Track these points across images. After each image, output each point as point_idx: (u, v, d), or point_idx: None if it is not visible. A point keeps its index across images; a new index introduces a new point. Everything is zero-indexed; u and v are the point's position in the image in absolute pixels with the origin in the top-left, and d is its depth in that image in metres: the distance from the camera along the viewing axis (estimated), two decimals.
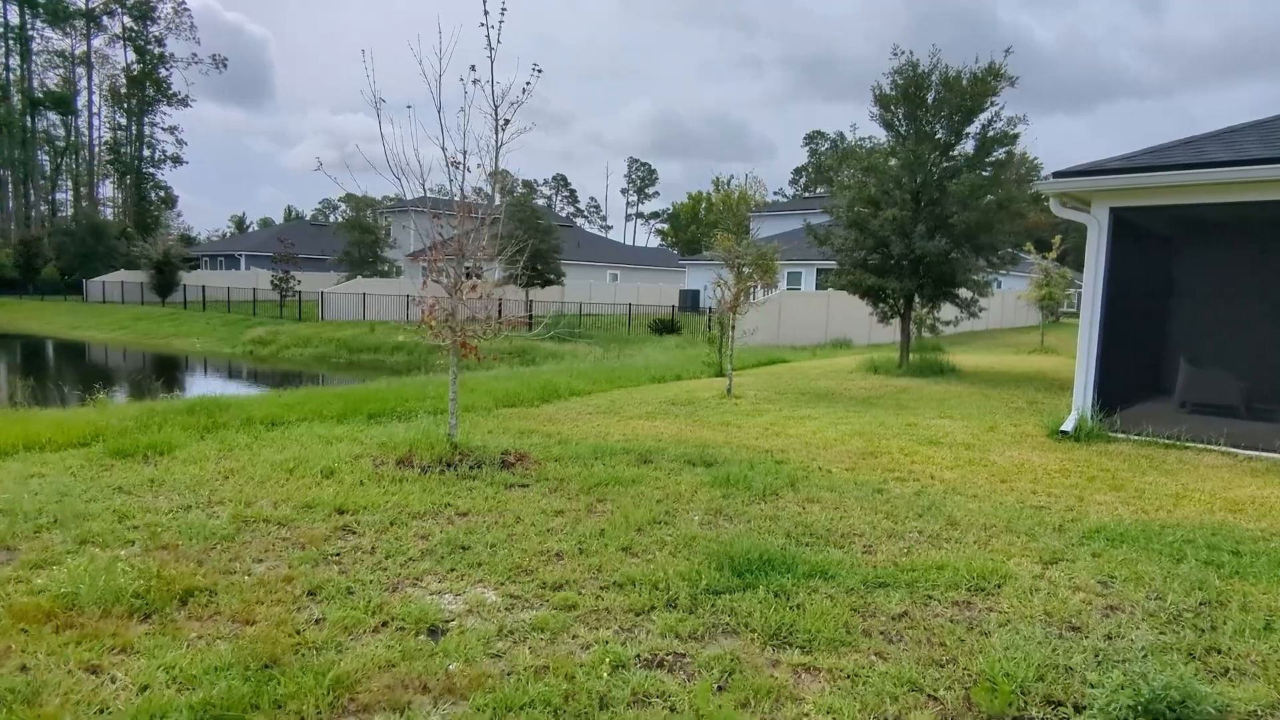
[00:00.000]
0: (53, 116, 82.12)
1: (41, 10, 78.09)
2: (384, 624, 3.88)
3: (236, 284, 46.12)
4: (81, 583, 4.01)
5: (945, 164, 16.13)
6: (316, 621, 3.87)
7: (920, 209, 16.02)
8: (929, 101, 15.92)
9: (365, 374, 21.43)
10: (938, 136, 16.06)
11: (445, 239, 7.36)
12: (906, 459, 8.10)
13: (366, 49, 7.44)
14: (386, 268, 48.19)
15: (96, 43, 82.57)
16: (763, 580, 4.42)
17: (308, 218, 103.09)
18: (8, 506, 5.49)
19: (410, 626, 3.85)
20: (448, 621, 3.93)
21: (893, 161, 16.50)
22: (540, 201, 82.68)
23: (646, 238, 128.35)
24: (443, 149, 7.31)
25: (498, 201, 7.91)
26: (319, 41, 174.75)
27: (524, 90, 7.22)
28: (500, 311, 9.03)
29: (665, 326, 34.19)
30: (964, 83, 15.46)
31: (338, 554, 4.85)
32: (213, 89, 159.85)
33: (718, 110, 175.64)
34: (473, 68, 7.07)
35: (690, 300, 45.35)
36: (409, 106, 7.18)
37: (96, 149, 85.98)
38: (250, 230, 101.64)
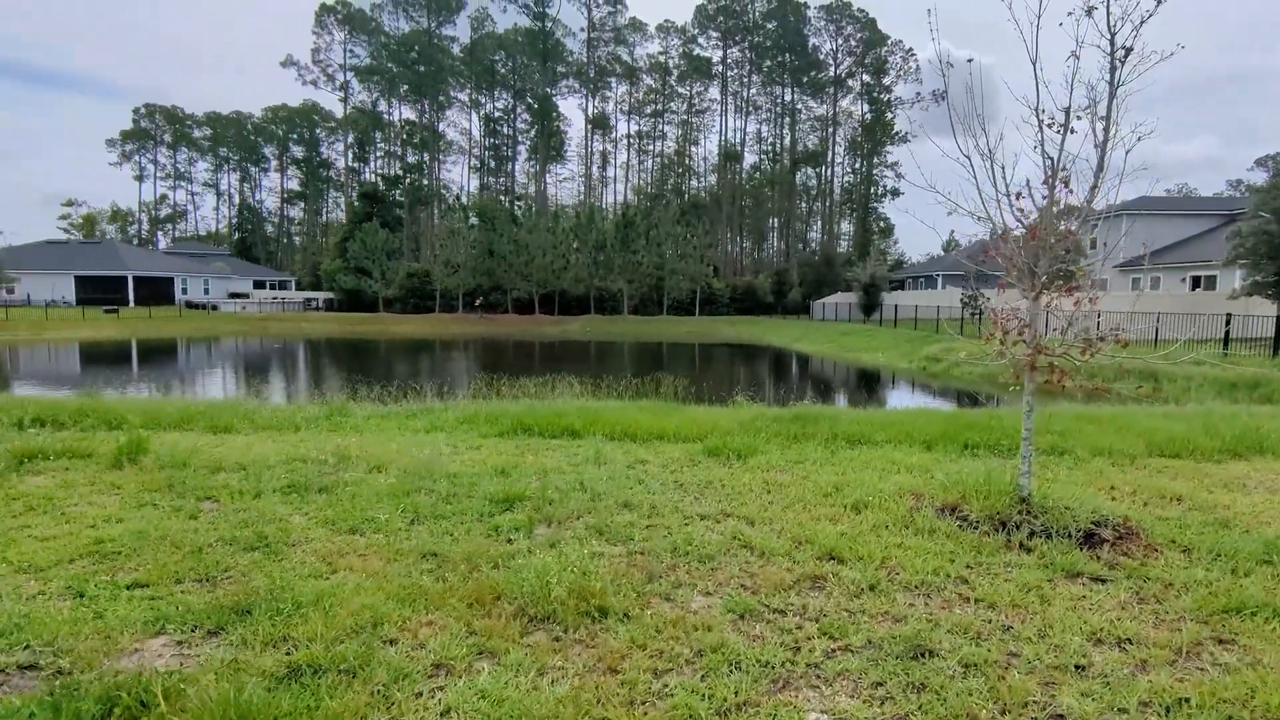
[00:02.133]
0: (808, 170, 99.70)
1: (808, 86, 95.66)
2: None
3: (927, 302, 47.66)
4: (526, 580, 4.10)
5: None
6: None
7: None
8: None
9: (1045, 399, 19.04)
10: None
11: (1019, 228, 5.52)
12: None
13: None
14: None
15: (844, 103, 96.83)
16: None
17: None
18: (572, 487, 6.30)
19: None
20: None
21: None
22: None
23: None
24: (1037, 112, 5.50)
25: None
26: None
27: None
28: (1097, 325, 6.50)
29: None
30: None
31: (774, 612, 3.93)
32: (931, 122, 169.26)
33: None
34: None
35: None
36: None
37: (837, 192, 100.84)
38: (955, 250, 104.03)
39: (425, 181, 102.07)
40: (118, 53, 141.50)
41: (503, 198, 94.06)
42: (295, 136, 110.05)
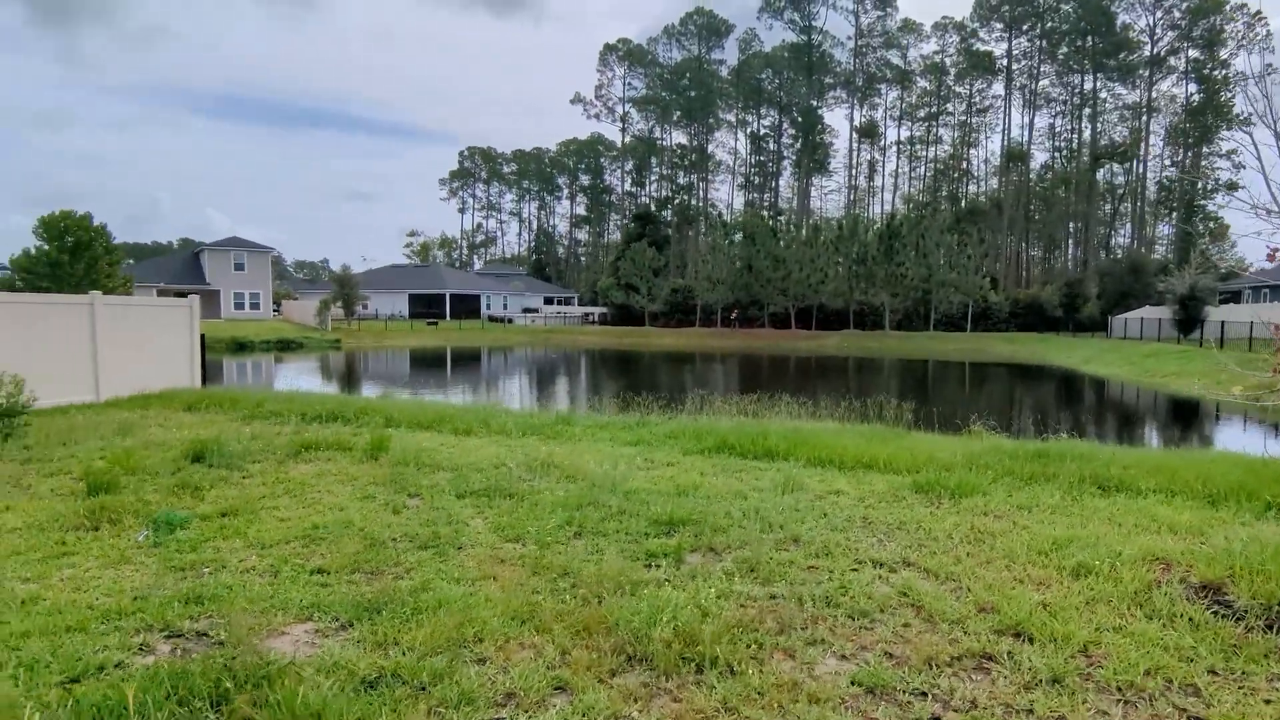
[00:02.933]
0: (1113, 166, 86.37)
1: (1115, 71, 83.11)
2: None
3: (1271, 317, 38.37)
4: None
5: None
6: None
7: None
8: None
9: None
10: None
11: None
12: None
13: None
14: None
15: (1164, 86, 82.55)
16: None
17: None
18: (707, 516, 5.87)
19: None
20: None
21: None
22: None
23: None
24: None
25: None
26: None
27: None
28: None
29: None
30: None
31: (912, 693, 3.25)
32: None
33: None
34: None
35: None
36: None
37: (1150, 190, 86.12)
38: None
39: (693, 201, 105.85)
40: (451, 106, 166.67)
41: (765, 213, 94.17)
42: (583, 166, 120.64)
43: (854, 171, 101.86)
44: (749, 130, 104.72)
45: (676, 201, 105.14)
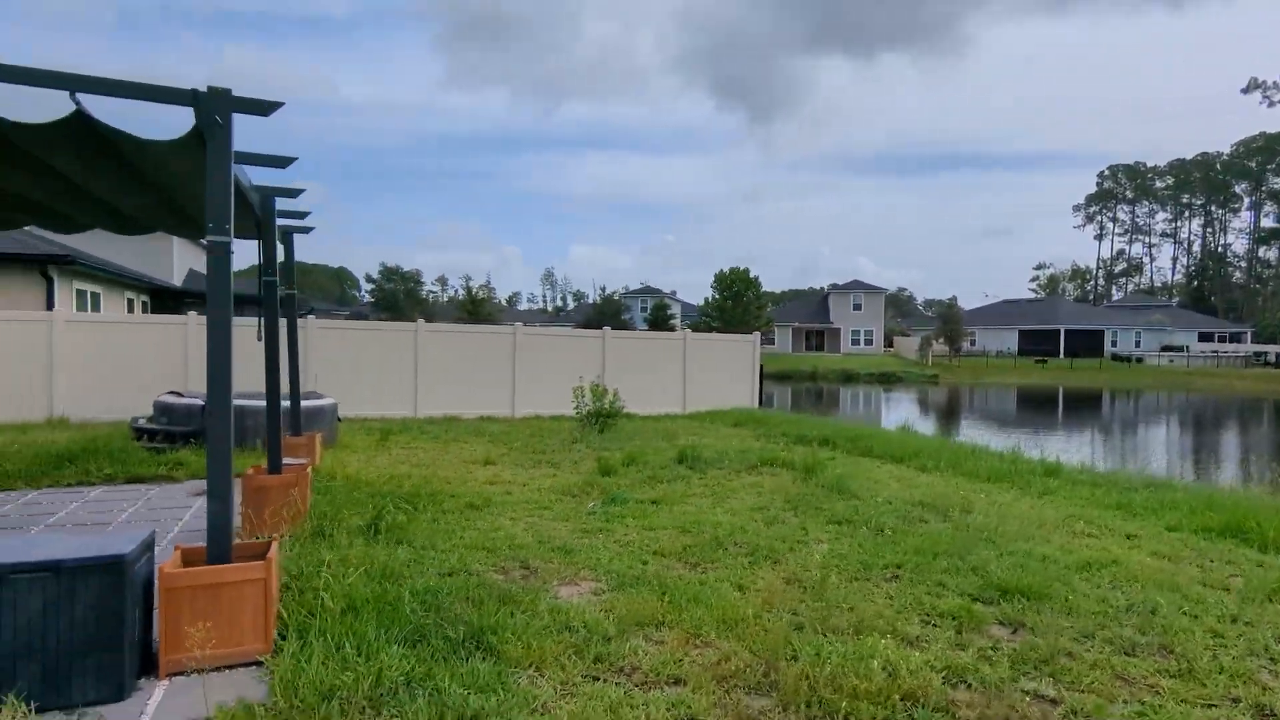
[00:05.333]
0: None
1: None
2: None
3: None
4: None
5: None
6: None
7: None
8: None
9: None
10: None
11: None
12: None
13: None
14: None
15: None
16: None
17: None
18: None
19: None
20: None
21: None
22: None
23: None
24: None
25: None
26: None
27: None
28: None
29: None
30: None
31: None
32: None
33: None
34: None
35: None
36: None
37: None
38: None
39: None
40: (1087, 125, 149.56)
41: None
42: (1274, 167, 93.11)
43: None
44: None
45: None
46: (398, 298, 64.61)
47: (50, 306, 14.75)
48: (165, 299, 22.83)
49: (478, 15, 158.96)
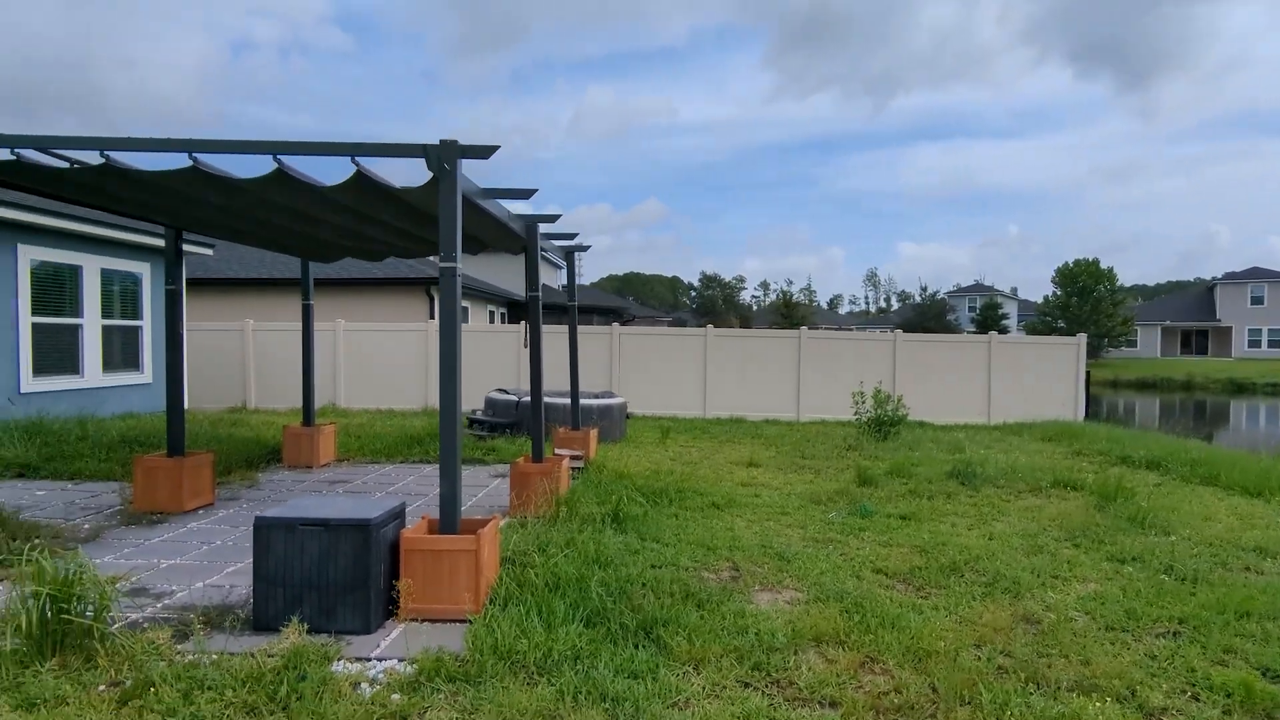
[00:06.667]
0: None
1: None
2: None
3: None
4: None
5: None
6: None
7: None
8: None
9: None
10: None
11: None
12: None
13: None
14: None
15: None
16: None
17: None
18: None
19: None
20: None
21: None
22: None
23: None
24: None
25: None
26: None
27: None
28: None
29: None
30: None
31: None
32: None
33: None
34: None
35: None
36: None
37: None
38: None
39: None
40: None
41: None
42: None
43: None
44: None
45: None
46: (715, 302, 67.86)
47: (432, 318, 18.43)
48: (519, 310, 26.98)
49: (808, 19, 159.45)
